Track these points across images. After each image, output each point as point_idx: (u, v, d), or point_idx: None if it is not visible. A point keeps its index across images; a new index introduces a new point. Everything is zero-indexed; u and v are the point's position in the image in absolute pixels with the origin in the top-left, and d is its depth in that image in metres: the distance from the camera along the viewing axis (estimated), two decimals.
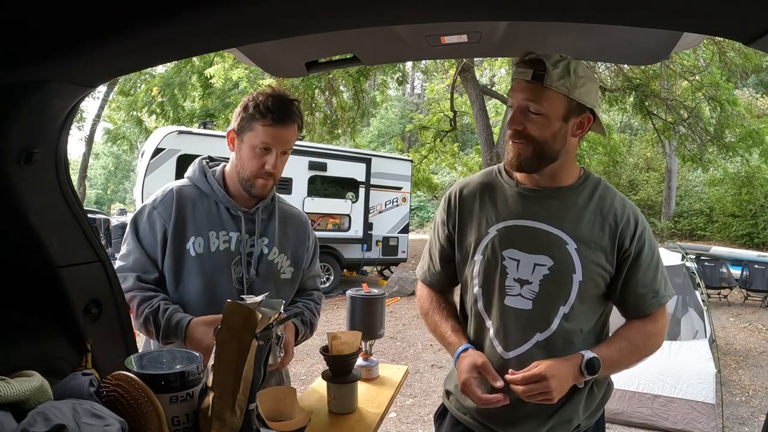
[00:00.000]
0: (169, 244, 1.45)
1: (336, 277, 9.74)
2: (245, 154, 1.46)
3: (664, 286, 1.31)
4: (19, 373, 0.81)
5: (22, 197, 0.94)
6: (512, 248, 1.28)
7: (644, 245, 1.28)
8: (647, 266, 1.28)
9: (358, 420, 1.53)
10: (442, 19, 1.04)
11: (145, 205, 1.50)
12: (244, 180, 1.48)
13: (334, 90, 12.03)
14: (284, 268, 1.59)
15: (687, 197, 18.81)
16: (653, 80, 10.80)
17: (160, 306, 1.40)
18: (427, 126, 14.92)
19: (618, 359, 1.26)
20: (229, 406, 0.94)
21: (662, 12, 0.70)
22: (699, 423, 3.72)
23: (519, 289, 1.27)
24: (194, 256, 1.46)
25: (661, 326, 1.32)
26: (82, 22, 0.70)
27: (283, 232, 1.59)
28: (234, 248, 1.49)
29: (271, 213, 1.59)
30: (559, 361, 1.20)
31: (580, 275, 1.24)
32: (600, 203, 1.29)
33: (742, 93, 18.33)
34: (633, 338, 1.28)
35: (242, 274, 1.49)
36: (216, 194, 1.51)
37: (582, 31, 1.26)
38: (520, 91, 1.21)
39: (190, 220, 1.48)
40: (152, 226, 1.47)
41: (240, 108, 1.46)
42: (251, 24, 0.75)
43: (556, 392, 1.16)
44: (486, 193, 1.36)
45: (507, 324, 1.29)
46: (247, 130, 1.44)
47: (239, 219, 1.51)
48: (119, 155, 31.53)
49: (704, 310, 4.60)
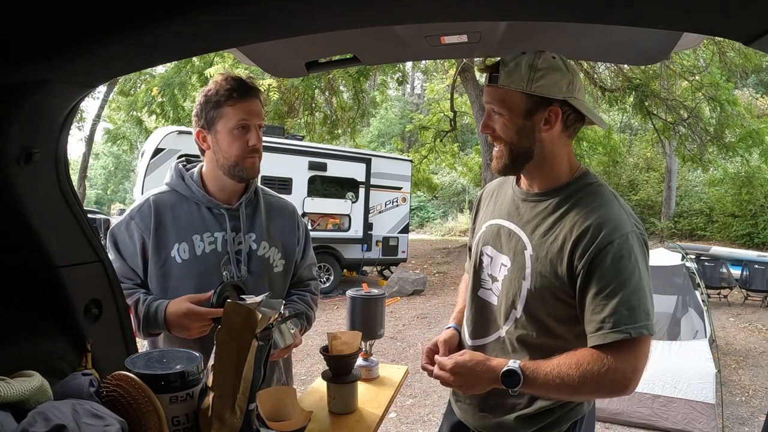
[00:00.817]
0: (151, 255, 1.44)
1: (336, 277, 9.74)
2: (224, 140, 1.44)
3: (629, 316, 1.07)
4: (19, 373, 0.81)
5: (22, 197, 0.94)
6: (488, 245, 1.34)
7: (600, 264, 1.09)
8: (601, 289, 1.09)
9: (358, 420, 1.53)
10: (442, 19, 1.04)
11: (123, 218, 1.50)
12: (232, 167, 1.46)
13: (334, 90, 12.04)
14: (276, 261, 1.57)
15: (687, 197, 18.80)
16: (653, 80, 10.81)
17: (140, 297, 1.41)
18: (427, 126, 14.93)
19: (551, 380, 1.10)
20: (229, 406, 0.94)
21: (662, 12, 0.70)
22: (699, 423, 3.72)
23: (490, 284, 1.32)
24: (180, 263, 1.45)
25: (624, 364, 1.07)
26: (82, 22, 0.70)
27: (270, 225, 1.57)
28: (221, 248, 1.48)
29: (256, 207, 1.57)
30: (482, 362, 1.17)
31: (528, 283, 1.20)
32: (572, 209, 1.17)
33: (742, 93, 18.33)
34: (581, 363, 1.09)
35: (233, 273, 1.48)
36: (195, 195, 1.49)
37: (582, 31, 1.26)
38: (486, 95, 1.22)
39: (170, 228, 1.46)
40: (131, 236, 1.45)
41: (199, 106, 1.45)
42: (251, 24, 0.75)
43: (463, 388, 1.21)
44: (496, 194, 1.42)
45: (476, 314, 1.36)
46: (217, 118, 1.43)
47: (223, 217, 1.49)
48: (119, 155, 31.52)
49: (704, 310, 4.60)
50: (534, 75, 1.14)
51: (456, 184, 24.71)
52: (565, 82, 1.16)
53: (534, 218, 1.24)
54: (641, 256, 1.13)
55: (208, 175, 1.51)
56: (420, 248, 15.68)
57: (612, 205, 1.17)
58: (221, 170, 1.48)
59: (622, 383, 1.09)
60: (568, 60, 1.21)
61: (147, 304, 1.39)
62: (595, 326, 1.10)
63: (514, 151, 1.21)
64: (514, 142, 1.20)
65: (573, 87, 1.17)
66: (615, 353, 1.08)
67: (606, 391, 1.13)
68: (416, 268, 11.46)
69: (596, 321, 1.10)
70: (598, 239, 1.10)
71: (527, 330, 1.23)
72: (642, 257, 1.13)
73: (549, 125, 1.18)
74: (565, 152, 1.24)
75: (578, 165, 1.27)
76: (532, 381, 1.12)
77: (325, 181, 9.88)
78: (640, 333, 1.07)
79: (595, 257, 1.10)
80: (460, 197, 25.39)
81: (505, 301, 1.27)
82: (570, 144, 1.26)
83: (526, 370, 1.13)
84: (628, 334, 1.07)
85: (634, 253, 1.11)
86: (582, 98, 1.22)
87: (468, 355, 1.20)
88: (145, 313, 1.38)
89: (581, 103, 1.20)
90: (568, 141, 1.25)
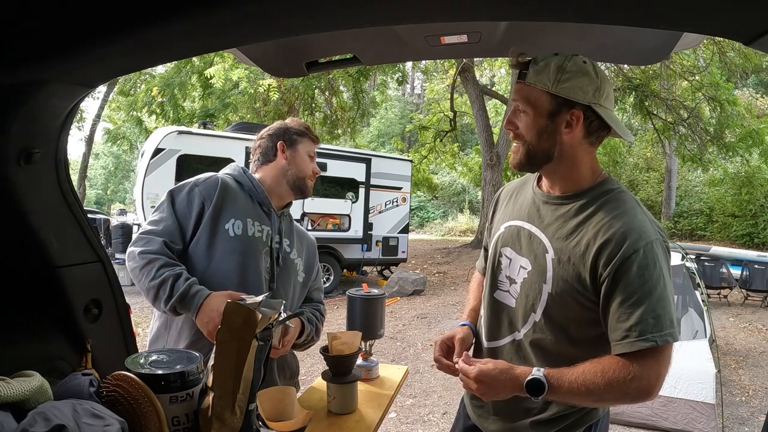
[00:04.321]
0: (206, 222, 1.53)
1: (336, 277, 9.73)
2: (300, 159, 1.69)
3: (655, 324, 1.07)
4: (20, 373, 0.81)
5: (22, 197, 0.94)
6: (507, 246, 1.32)
7: (628, 272, 1.09)
8: (626, 298, 1.09)
9: (358, 420, 1.53)
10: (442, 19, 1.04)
11: (186, 183, 1.59)
12: (299, 179, 1.69)
13: (334, 90, 12.05)
14: (300, 271, 1.73)
15: (687, 197, 18.81)
16: (653, 80, 10.82)
17: (183, 273, 1.44)
18: (427, 126, 14.95)
19: (573, 390, 1.11)
20: (229, 406, 0.94)
21: (662, 12, 0.70)
22: (699, 423, 3.72)
23: (508, 286, 1.31)
24: (233, 237, 1.54)
25: (649, 371, 1.08)
26: (82, 22, 0.70)
27: (299, 242, 1.77)
28: (265, 239, 1.62)
29: (291, 223, 1.77)
30: (504, 369, 1.16)
31: (549, 286, 1.19)
32: (595, 215, 1.17)
33: (742, 93, 18.33)
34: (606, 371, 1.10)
35: (270, 263, 1.61)
36: (254, 189, 1.65)
37: (582, 31, 1.26)
38: (513, 91, 1.24)
39: (230, 205, 1.57)
40: (191, 201, 1.54)
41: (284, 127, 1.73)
42: (251, 24, 0.75)
43: (485, 396, 1.18)
44: (515, 195, 1.41)
45: (492, 316, 1.34)
46: (297, 143, 1.70)
47: (271, 216, 1.66)
48: (119, 155, 31.52)
49: (704, 310, 4.60)
50: (561, 76, 1.14)
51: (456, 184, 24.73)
52: (591, 88, 1.15)
53: (555, 221, 1.23)
54: (665, 264, 1.13)
55: (267, 181, 1.68)
56: (420, 248, 15.68)
57: (636, 212, 1.16)
58: (286, 179, 1.68)
59: (647, 390, 1.09)
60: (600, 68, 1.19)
61: (189, 283, 1.43)
62: (621, 334, 1.10)
63: (531, 150, 1.21)
64: (533, 143, 1.20)
65: (600, 94, 1.16)
66: (640, 361, 1.08)
67: (630, 398, 1.13)
68: (416, 268, 11.46)
69: (622, 329, 1.10)
70: (624, 248, 1.10)
71: (545, 334, 1.22)
72: (666, 265, 1.14)
73: (570, 129, 1.17)
74: (588, 158, 1.23)
75: (600, 171, 1.26)
76: (556, 389, 1.11)
77: (325, 181, 9.87)
78: (666, 341, 1.08)
79: (621, 266, 1.10)
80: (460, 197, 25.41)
81: (524, 303, 1.25)
82: (593, 151, 1.24)
83: (551, 378, 1.12)
84: (654, 342, 1.07)
85: (659, 261, 1.11)
86: (610, 107, 1.20)
87: (492, 364, 1.18)
88: (185, 290, 1.41)
89: (607, 112, 1.18)
90: (591, 148, 1.22)
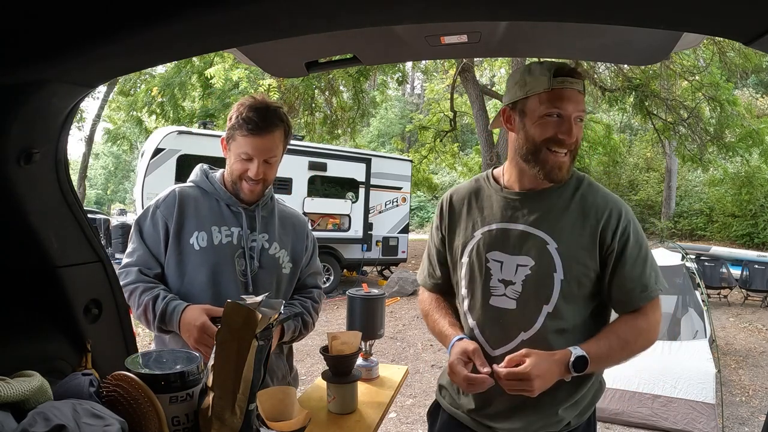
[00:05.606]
0: (172, 240, 1.53)
1: (336, 277, 9.74)
2: (231, 160, 1.56)
3: (654, 279, 1.29)
4: (20, 373, 0.81)
5: (22, 197, 0.94)
6: (495, 250, 1.33)
7: (628, 240, 1.27)
8: (633, 261, 1.27)
9: (358, 420, 1.53)
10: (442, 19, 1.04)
11: (148, 207, 1.59)
12: (233, 184, 1.58)
13: (334, 90, 12.04)
14: (284, 263, 1.65)
15: (687, 197, 18.81)
16: (653, 80, 10.81)
17: (160, 294, 1.47)
18: (427, 126, 14.93)
19: (607, 355, 1.25)
20: (229, 406, 0.94)
21: (662, 12, 0.70)
22: (699, 423, 3.72)
23: (503, 290, 1.31)
24: (198, 250, 1.52)
25: (652, 322, 1.29)
26: (82, 22, 0.70)
27: (282, 230, 1.67)
28: (236, 242, 1.56)
29: (271, 211, 1.67)
30: (547, 357, 1.20)
31: (561, 274, 1.26)
32: (582, 201, 1.30)
33: (742, 93, 18.33)
34: (623, 334, 1.27)
35: (245, 266, 1.56)
36: (218, 192, 1.59)
37: (582, 31, 1.26)
38: (574, 102, 1.24)
39: (192, 217, 1.55)
40: (155, 225, 1.54)
41: (229, 116, 1.55)
42: (251, 24, 0.75)
43: (537, 390, 1.19)
44: (473, 199, 1.42)
45: (492, 323, 1.33)
46: (231, 139, 1.53)
47: (240, 215, 1.59)
48: (119, 155, 31.53)
49: (704, 310, 4.60)
50: None
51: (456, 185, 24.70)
52: None
53: (545, 213, 1.30)
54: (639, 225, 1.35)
55: (228, 179, 1.61)
56: (420, 248, 15.67)
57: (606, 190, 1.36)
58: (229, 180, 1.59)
59: (651, 340, 1.30)
60: None
61: (166, 301, 1.45)
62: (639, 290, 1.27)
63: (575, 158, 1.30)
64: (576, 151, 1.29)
65: None
66: (644, 315, 1.28)
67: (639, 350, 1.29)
68: (416, 268, 11.44)
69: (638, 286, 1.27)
70: (621, 220, 1.28)
71: (562, 319, 1.27)
72: None
73: None
74: None
75: None
76: (597, 359, 1.22)
77: (325, 181, 9.88)
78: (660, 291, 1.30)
79: (622, 236, 1.27)
80: None
81: (534, 299, 1.28)
82: None
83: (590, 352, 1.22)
84: (660, 290, 1.29)
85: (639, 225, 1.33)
86: None
87: (535, 356, 1.19)
88: (163, 309, 1.44)
89: None
90: None
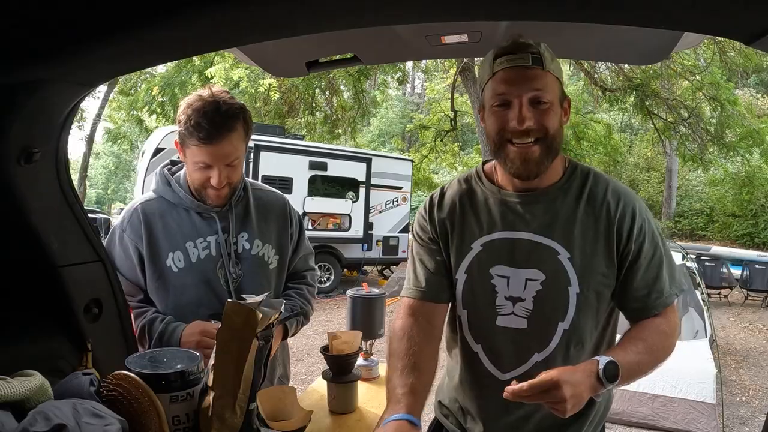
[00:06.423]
0: (147, 265, 1.42)
1: (336, 276, 9.74)
2: (189, 167, 1.41)
3: (670, 282, 1.14)
4: (20, 373, 0.81)
5: (23, 197, 0.94)
6: (500, 264, 1.15)
7: (644, 240, 1.12)
8: (648, 263, 1.12)
9: (358, 420, 1.53)
10: (442, 19, 1.04)
11: (114, 230, 1.47)
12: (196, 191, 1.44)
13: (335, 90, 12.04)
14: (270, 258, 1.55)
15: (687, 197, 18.81)
16: (654, 80, 10.80)
17: (157, 317, 1.41)
18: (427, 126, 14.91)
19: (638, 363, 1.04)
20: (229, 405, 0.94)
21: (663, 12, 0.70)
22: (699, 423, 3.72)
23: (512, 308, 1.14)
24: (177, 272, 1.42)
25: (673, 325, 1.14)
26: (82, 22, 0.70)
27: (262, 223, 1.54)
28: (215, 252, 1.45)
29: (247, 205, 1.53)
30: (574, 370, 0.98)
31: (576, 287, 1.11)
32: (591, 200, 1.13)
33: (743, 93, 18.31)
34: (649, 339, 1.09)
35: (228, 274, 1.46)
36: (184, 201, 1.45)
37: (582, 31, 1.26)
38: (520, 81, 1.04)
39: (162, 237, 1.43)
40: (126, 251, 1.43)
41: (177, 116, 1.37)
42: (251, 24, 0.75)
43: (570, 403, 0.92)
44: (466, 203, 1.21)
45: (500, 345, 1.16)
46: (184, 146, 1.37)
47: (213, 221, 1.46)
48: (119, 155, 31.49)
49: (704, 309, 4.60)
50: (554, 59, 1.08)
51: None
52: None
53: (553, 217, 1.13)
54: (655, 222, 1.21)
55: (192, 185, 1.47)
56: None
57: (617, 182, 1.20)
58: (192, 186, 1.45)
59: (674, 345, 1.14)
60: None
61: (166, 323, 1.38)
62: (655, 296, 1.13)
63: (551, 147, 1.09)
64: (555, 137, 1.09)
65: None
66: (665, 318, 1.14)
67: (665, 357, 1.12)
68: None
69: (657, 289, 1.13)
70: (636, 218, 1.13)
71: (580, 332, 1.13)
72: None
73: (566, 116, 1.14)
74: None
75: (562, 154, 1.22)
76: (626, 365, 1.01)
77: (325, 180, 9.88)
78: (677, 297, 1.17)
79: (638, 236, 1.13)
80: None
81: (547, 317, 1.13)
82: None
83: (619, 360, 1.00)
84: (676, 294, 1.17)
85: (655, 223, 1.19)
86: None
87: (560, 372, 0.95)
88: (162, 330, 1.37)
89: None
90: None
